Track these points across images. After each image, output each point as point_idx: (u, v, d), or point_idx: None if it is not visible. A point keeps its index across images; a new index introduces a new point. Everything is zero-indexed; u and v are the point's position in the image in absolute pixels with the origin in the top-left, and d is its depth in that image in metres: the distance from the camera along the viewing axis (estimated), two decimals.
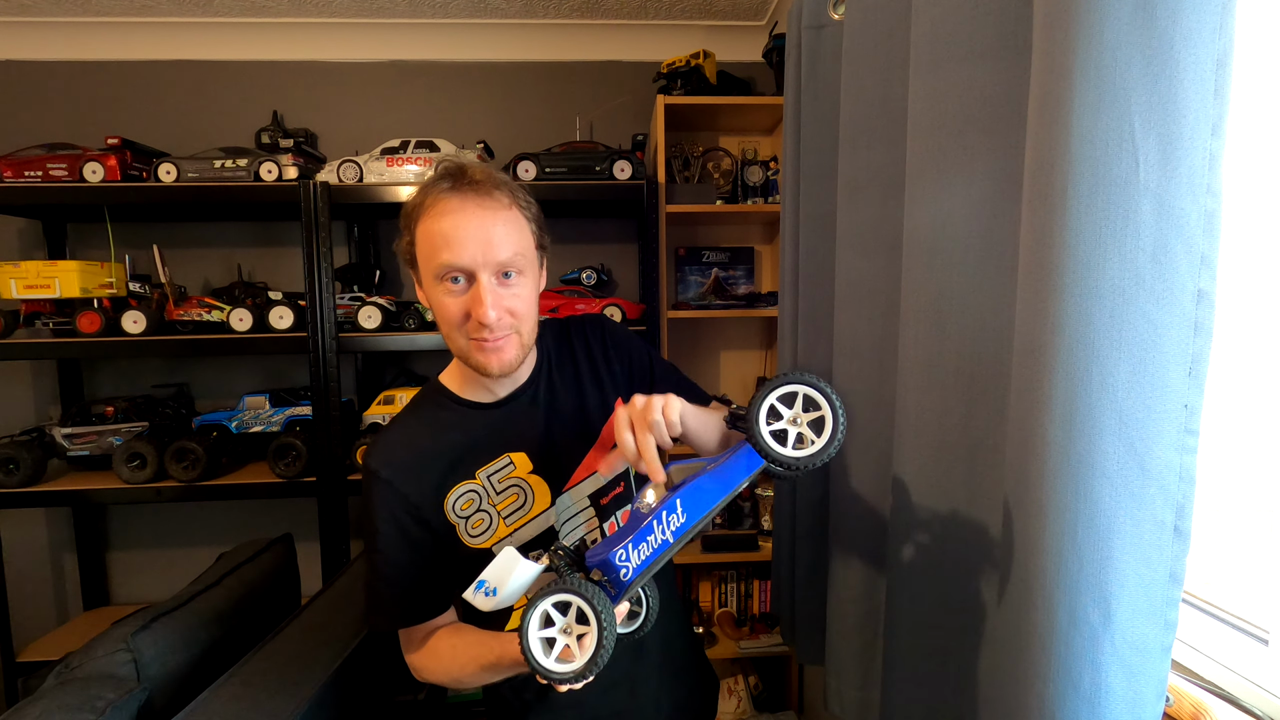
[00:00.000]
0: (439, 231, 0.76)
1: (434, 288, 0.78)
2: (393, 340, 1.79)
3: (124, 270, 1.86)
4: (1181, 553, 0.56)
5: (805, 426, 0.61)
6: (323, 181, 1.73)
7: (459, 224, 0.75)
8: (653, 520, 0.63)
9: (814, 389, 0.61)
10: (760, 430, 0.61)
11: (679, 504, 0.63)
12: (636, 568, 0.63)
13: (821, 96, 1.17)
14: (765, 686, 2.07)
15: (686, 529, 0.64)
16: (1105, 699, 0.58)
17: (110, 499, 1.80)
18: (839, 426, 0.61)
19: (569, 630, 0.61)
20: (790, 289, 1.29)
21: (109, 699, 0.89)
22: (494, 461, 0.86)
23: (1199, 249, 0.53)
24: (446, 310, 0.78)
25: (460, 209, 0.76)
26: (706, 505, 0.64)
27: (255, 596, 1.28)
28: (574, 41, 2.10)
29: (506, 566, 0.64)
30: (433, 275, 0.77)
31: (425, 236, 0.77)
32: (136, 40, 2.01)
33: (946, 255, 0.80)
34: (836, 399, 0.61)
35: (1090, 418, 0.56)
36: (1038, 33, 0.61)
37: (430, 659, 0.84)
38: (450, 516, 0.84)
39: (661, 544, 0.63)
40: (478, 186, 0.77)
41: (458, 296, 0.78)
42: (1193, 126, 0.51)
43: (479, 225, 0.76)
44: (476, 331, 0.78)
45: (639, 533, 0.63)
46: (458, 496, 0.84)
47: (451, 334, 0.81)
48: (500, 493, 0.85)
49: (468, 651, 0.80)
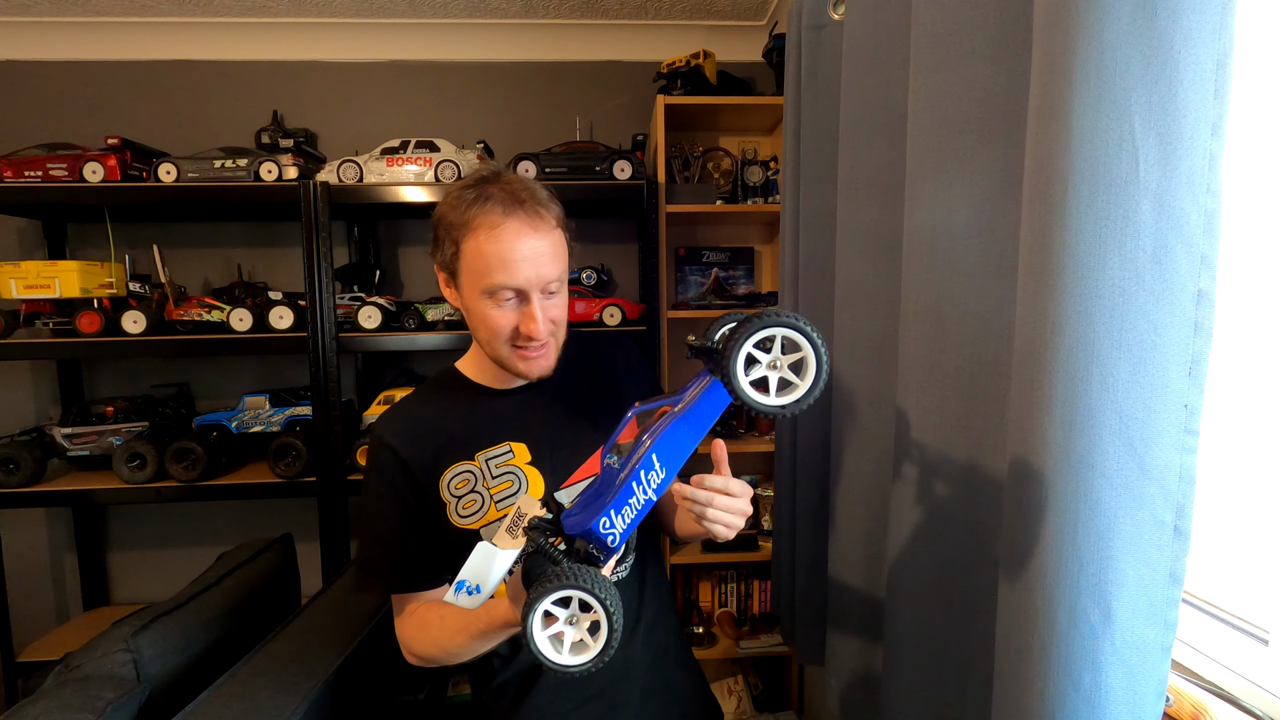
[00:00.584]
0: (494, 253, 0.79)
1: (479, 301, 0.82)
2: (393, 340, 1.79)
3: (124, 270, 1.86)
4: (1181, 553, 0.56)
5: (786, 370, 0.58)
6: (323, 181, 1.73)
7: (514, 248, 0.79)
8: (631, 481, 0.61)
9: (793, 330, 0.57)
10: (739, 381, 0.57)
11: (655, 460, 0.61)
12: (623, 533, 0.62)
13: (821, 96, 1.17)
14: (765, 686, 2.07)
15: (667, 484, 0.62)
16: (1105, 699, 0.58)
17: (110, 499, 1.80)
18: (821, 369, 0.58)
19: (574, 620, 0.59)
20: (790, 289, 1.29)
21: (109, 699, 0.89)
22: (495, 447, 0.88)
23: (1199, 249, 0.53)
24: (494, 323, 0.82)
25: (517, 233, 0.79)
26: (683, 454, 0.62)
27: (255, 596, 1.28)
28: (574, 41, 2.10)
29: (484, 560, 0.64)
30: (480, 290, 0.81)
31: (476, 254, 0.80)
32: (136, 40, 2.01)
33: (946, 255, 0.80)
34: (819, 338, 0.57)
35: (1090, 418, 0.56)
36: (1038, 33, 0.61)
37: (419, 630, 0.85)
38: (444, 493, 0.86)
39: (645, 504, 0.62)
40: (526, 207, 0.80)
41: (507, 313, 0.82)
42: (1193, 126, 0.51)
43: (533, 250, 0.80)
44: (523, 342, 0.83)
45: (619, 496, 0.61)
46: (454, 475, 0.87)
47: (493, 342, 0.84)
48: (496, 478, 0.87)
49: (456, 620, 0.80)
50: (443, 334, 1.81)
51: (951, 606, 0.84)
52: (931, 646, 0.87)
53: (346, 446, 1.79)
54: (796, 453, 1.29)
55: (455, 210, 0.81)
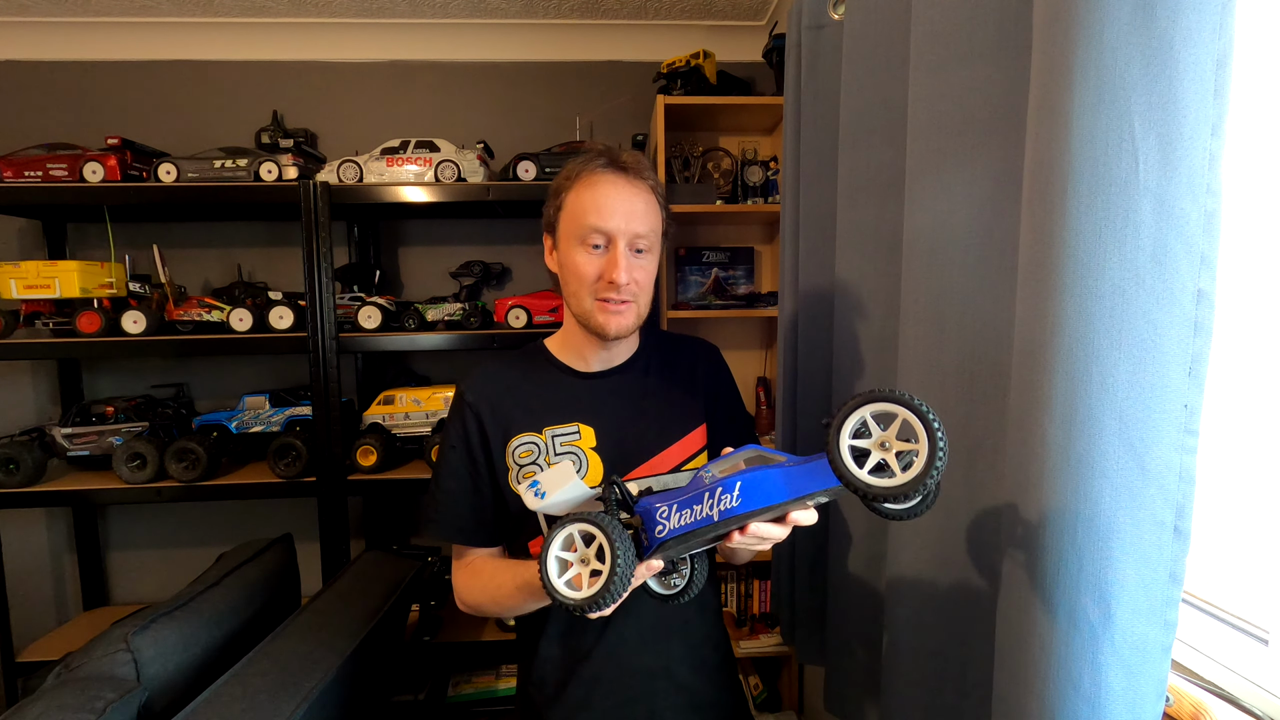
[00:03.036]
0: (590, 198, 0.86)
1: (572, 249, 0.87)
2: (393, 340, 1.79)
3: (124, 270, 1.86)
4: (1181, 553, 0.56)
5: (892, 455, 0.52)
6: (323, 181, 1.73)
7: (609, 194, 0.86)
8: (705, 492, 0.62)
9: (914, 414, 0.51)
10: (839, 444, 0.53)
11: (737, 486, 0.60)
12: (672, 530, 0.62)
13: (821, 96, 1.17)
14: (765, 686, 2.07)
15: (734, 514, 0.60)
16: (1105, 699, 0.58)
17: (110, 499, 1.80)
18: (934, 464, 0.49)
19: (586, 561, 0.62)
20: (790, 289, 1.29)
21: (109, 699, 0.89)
22: (564, 425, 0.92)
23: (1199, 249, 0.53)
24: (582, 269, 0.87)
25: (612, 182, 0.86)
26: (764, 500, 0.60)
27: (255, 596, 1.28)
28: (574, 41, 2.10)
29: (562, 478, 0.68)
30: (575, 236, 0.87)
31: (575, 201, 0.87)
32: (136, 40, 2.01)
33: (946, 255, 0.80)
34: (940, 430, 0.50)
35: (1090, 418, 0.56)
36: (1038, 33, 0.61)
37: (471, 578, 0.92)
38: (509, 459, 0.91)
39: (704, 519, 0.61)
40: (628, 169, 0.88)
41: (595, 258, 0.87)
42: (1193, 126, 0.51)
43: (626, 198, 0.86)
44: (605, 291, 0.86)
45: (688, 498, 0.62)
46: (520, 444, 0.91)
47: (579, 292, 0.88)
48: (558, 455, 0.90)
49: (506, 571, 0.88)
50: (443, 334, 1.81)
51: (951, 606, 0.84)
52: (931, 646, 0.87)
53: (346, 446, 1.79)
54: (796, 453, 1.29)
55: (564, 174, 0.89)
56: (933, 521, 0.85)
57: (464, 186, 1.77)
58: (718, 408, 1.00)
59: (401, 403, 1.88)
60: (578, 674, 0.91)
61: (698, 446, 0.95)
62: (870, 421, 0.54)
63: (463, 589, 0.93)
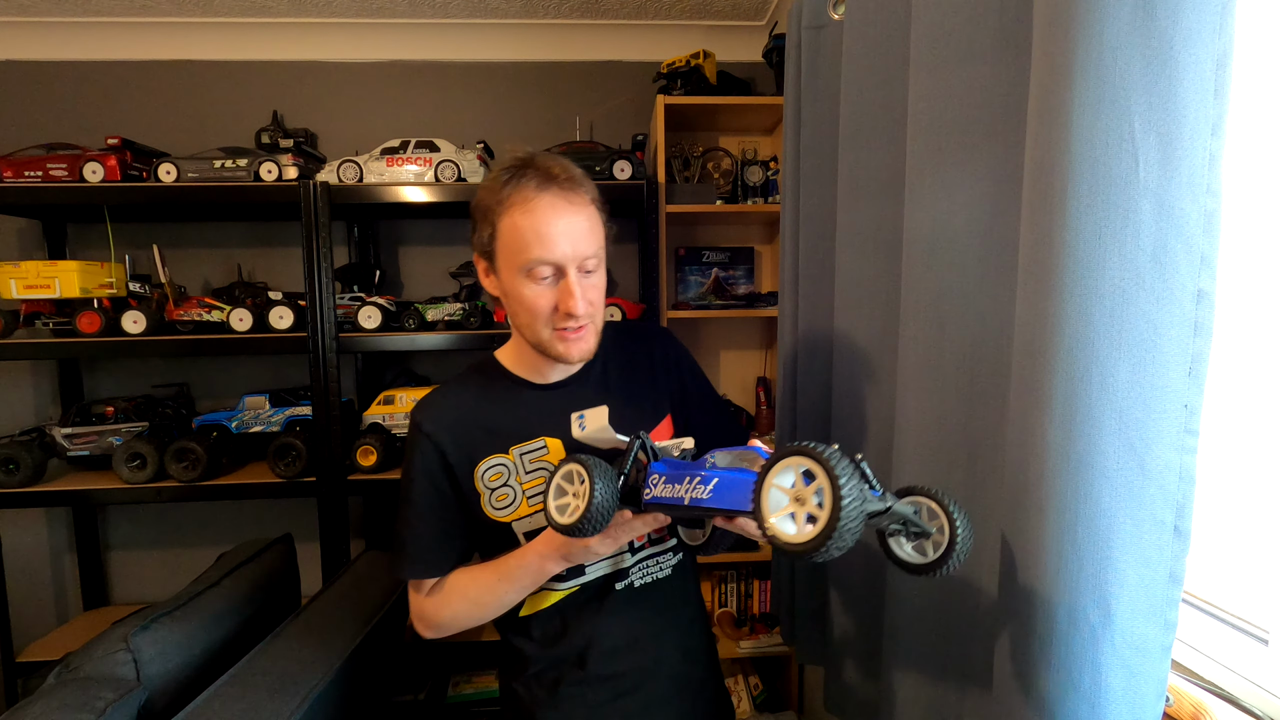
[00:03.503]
0: (530, 226, 0.79)
1: (517, 280, 0.82)
2: (393, 340, 1.79)
3: (124, 270, 1.86)
4: (1181, 553, 0.56)
5: (811, 506, 0.54)
6: (323, 181, 1.73)
7: (550, 220, 0.79)
8: (688, 475, 0.67)
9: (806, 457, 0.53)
10: (760, 504, 0.56)
11: (713, 482, 0.65)
12: (655, 497, 0.70)
13: (821, 96, 1.17)
14: (765, 686, 2.07)
15: (699, 504, 0.65)
16: (1105, 699, 0.58)
17: (110, 499, 1.80)
18: (839, 501, 0.50)
19: (579, 495, 0.69)
20: (790, 289, 1.29)
21: (109, 699, 0.89)
22: (530, 441, 0.88)
23: (1199, 249, 0.53)
24: (534, 302, 0.82)
25: (551, 205, 0.79)
26: (730, 502, 0.63)
27: (255, 596, 1.28)
28: (574, 41, 2.10)
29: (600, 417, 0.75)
30: (518, 268, 0.81)
31: (511, 229, 0.80)
32: (136, 40, 2.01)
33: (946, 255, 0.80)
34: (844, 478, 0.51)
35: (1090, 418, 0.56)
36: (1038, 33, 0.61)
37: (444, 597, 0.89)
38: (478, 484, 0.87)
39: (678, 498, 0.67)
40: (561, 183, 0.81)
41: (546, 290, 0.81)
42: (1193, 126, 0.51)
43: (568, 222, 0.80)
44: (562, 322, 0.82)
45: (676, 473, 0.69)
46: (488, 467, 0.87)
47: (533, 324, 0.83)
48: (529, 472, 0.88)
49: (484, 571, 0.87)
50: (443, 334, 1.81)
51: (951, 606, 0.84)
52: (931, 646, 0.87)
53: (346, 446, 1.79)
54: None
55: (491, 193, 0.82)
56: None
57: (464, 186, 1.77)
58: (685, 392, 0.99)
59: (401, 403, 1.88)
60: (571, 675, 0.90)
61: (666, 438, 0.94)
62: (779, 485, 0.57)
63: (433, 612, 0.89)
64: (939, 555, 0.60)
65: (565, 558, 0.82)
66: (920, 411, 0.85)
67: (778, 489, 0.56)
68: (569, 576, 0.89)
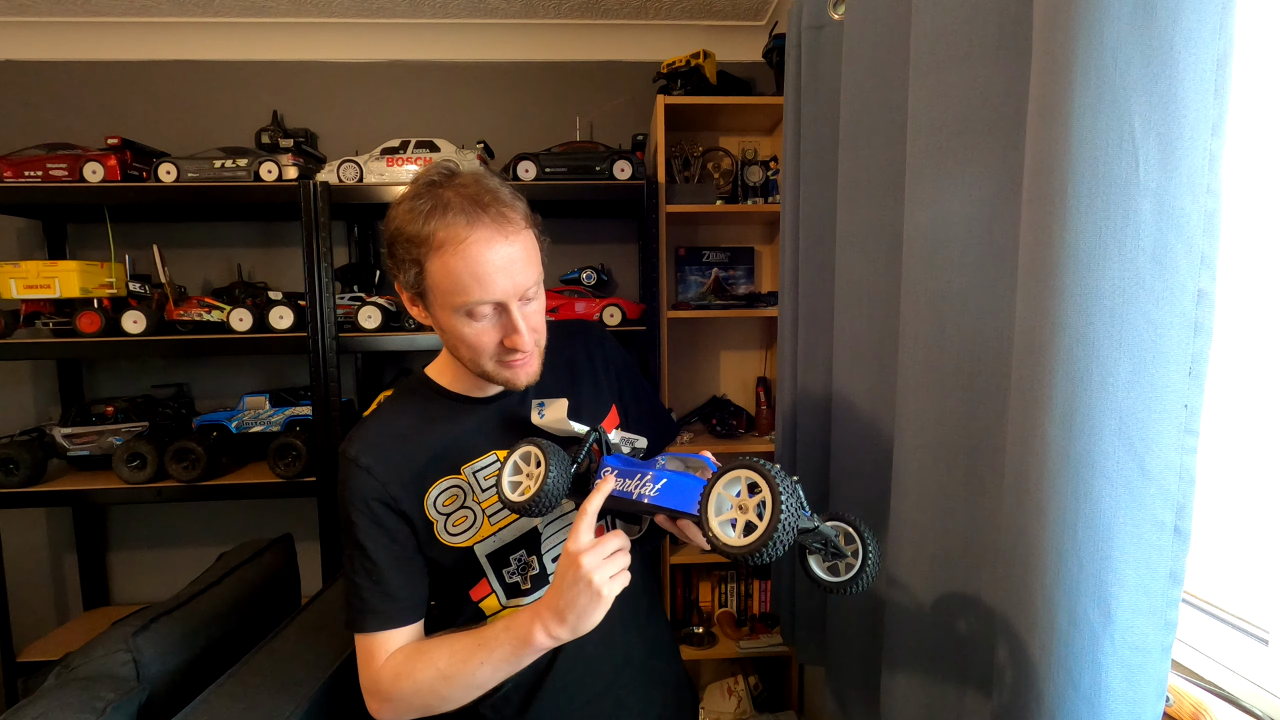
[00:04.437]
0: (464, 268, 0.72)
1: (454, 319, 0.76)
2: (393, 340, 1.79)
3: (124, 270, 1.86)
4: (1181, 553, 0.56)
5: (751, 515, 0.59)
6: (323, 181, 1.73)
7: (485, 259, 0.72)
8: (639, 472, 0.71)
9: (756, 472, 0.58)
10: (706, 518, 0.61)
11: (663, 482, 0.69)
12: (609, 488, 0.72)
13: (821, 96, 1.17)
14: (765, 686, 2.07)
15: (646, 501, 0.69)
16: (1105, 699, 0.58)
17: (110, 499, 1.80)
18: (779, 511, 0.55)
19: (531, 476, 0.72)
20: (790, 289, 1.29)
21: (109, 699, 0.89)
22: (480, 458, 0.84)
23: (1199, 249, 0.53)
24: (476, 340, 0.77)
25: (486, 242, 0.72)
26: (675, 502, 0.67)
27: (255, 596, 1.28)
28: (574, 41, 2.10)
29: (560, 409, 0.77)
30: (454, 309, 0.75)
31: (442, 272, 0.73)
32: (136, 40, 2.01)
33: (946, 255, 0.80)
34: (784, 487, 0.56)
35: (1090, 418, 0.56)
36: (1038, 33, 0.61)
37: (404, 663, 0.78)
38: (429, 512, 0.82)
39: (627, 492, 0.71)
40: (490, 211, 0.73)
41: (487, 327, 0.76)
42: (1193, 126, 0.51)
43: (505, 258, 0.73)
44: (508, 355, 0.78)
45: (628, 469, 0.72)
46: (440, 491, 0.82)
47: (477, 359, 0.79)
48: (485, 490, 0.84)
49: (458, 638, 0.78)
50: None
51: (951, 606, 0.84)
52: (931, 646, 0.87)
53: None
54: (796, 453, 1.29)
55: (411, 223, 0.73)
56: (933, 521, 0.85)
57: None
58: (623, 385, 0.99)
59: None
60: (542, 685, 0.86)
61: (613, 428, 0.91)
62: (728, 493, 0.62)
63: (388, 679, 0.78)
64: (850, 576, 0.65)
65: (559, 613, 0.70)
66: (920, 411, 0.85)
67: (724, 495, 0.61)
68: (534, 590, 0.85)
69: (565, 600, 0.69)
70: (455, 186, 0.74)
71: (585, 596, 0.68)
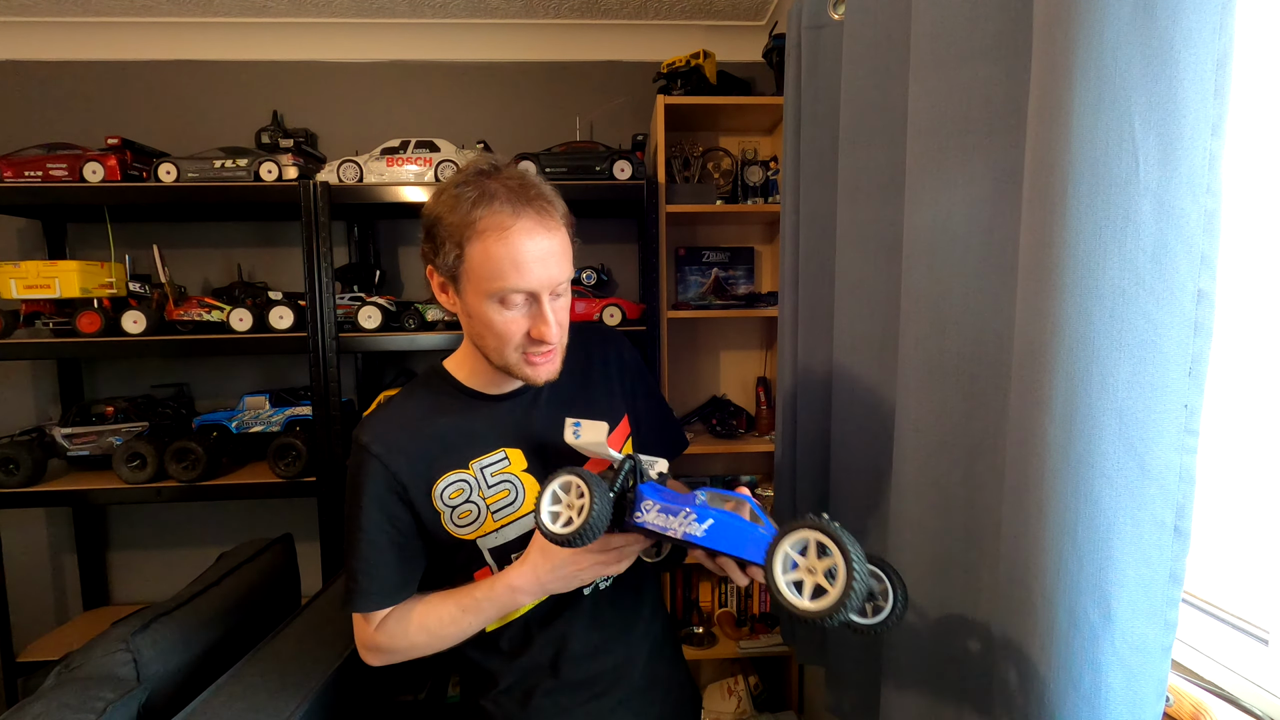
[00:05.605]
0: (505, 255, 0.75)
1: (485, 305, 0.78)
2: (393, 340, 1.79)
3: (124, 270, 1.86)
4: (1181, 553, 0.56)
5: (820, 578, 0.58)
6: (323, 181, 1.73)
7: (525, 248, 0.75)
8: (684, 508, 0.69)
9: (826, 535, 0.57)
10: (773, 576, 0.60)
11: (709, 521, 0.67)
12: (645, 523, 0.71)
13: (821, 96, 1.17)
14: (765, 686, 2.07)
15: (692, 540, 0.67)
16: (1105, 699, 0.58)
17: (110, 499, 1.80)
18: (853, 577, 0.55)
19: (570, 506, 0.71)
20: (790, 289, 1.29)
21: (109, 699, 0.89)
22: (489, 454, 0.85)
23: (1199, 249, 0.53)
24: (504, 330, 0.79)
25: (528, 233, 0.75)
26: (723, 544, 0.66)
27: (255, 596, 1.28)
28: (574, 41, 2.10)
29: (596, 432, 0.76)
30: (488, 294, 0.77)
31: (482, 256, 0.75)
32: (136, 40, 2.01)
33: (946, 255, 0.80)
34: (853, 550, 0.55)
35: (1090, 418, 0.56)
36: (1038, 33, 0.61)
37: (397, 628, 0.84)
38: (436, 503, 0.83)
39: (667, 527, 0.69)
40: (535, 205, 0.77)
41: (518, 317, 0.79)
42: (1193, 126, 0.51)
43: (544, 250, 0.77)
44: (533, 348, 0.80)
45: (674, 503, 0.70)
46: (447, 484, 0.84)
47: (502, 349, 0.81)
48: (492, 486, 0.85)
49: (446, 603, 0.84)
50: (442, 334, 1.81)
51: (951, 606, 0.84)
52: (931, 647, 0.87)
53: (346, 447, 1.79)
54: (796, 453, 1.29)
55: (455, 210, 0.76)
56: (933, 521, 0.85)
57: None
58: (637, 395, 1.00)
59: None
60: (543, 684, 0.88)
61: (620, 444, 0.94)
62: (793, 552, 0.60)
63: (385, 641, 0.84)
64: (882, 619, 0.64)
65: (542, 588, 0.80)
66: (920, 411, 0.85)
67: (791, 554, 0.60)
68: None
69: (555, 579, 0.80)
70: (502, 179, 0.78)
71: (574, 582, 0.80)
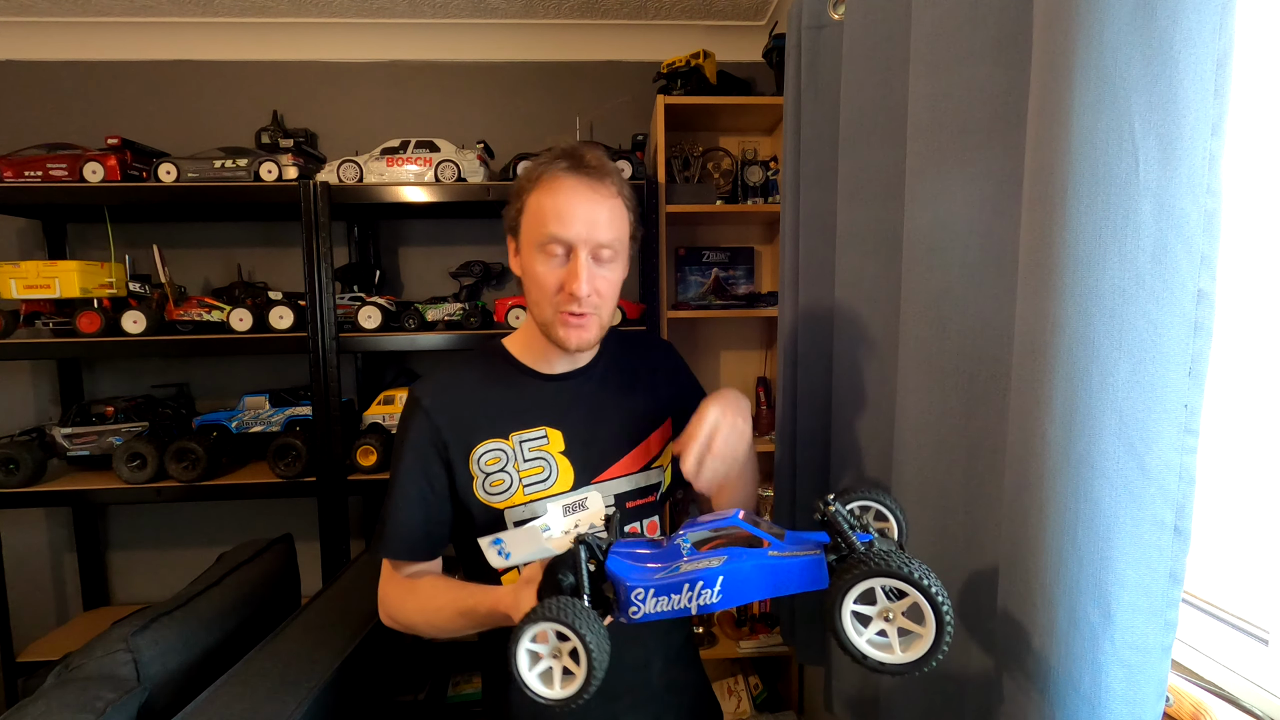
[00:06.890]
0: (550, 205, 0.82)
1: (533, 256, 0.84)
2: (393, 340, 1.79)
3: (124, 270, 1.86)
4: (1181, 553, 0.56)
5: (894, 628, 0.53)
6: (323, 181, 1.73)
7: (570, 201, 0.82)
8: (685, 581, 0.58)
9: (928, 601, 0.51)
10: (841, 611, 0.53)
11: (719, 582, 0.57)
12: (647, 614, 0.59)
13: (821, 96, 1.17)
14: (765, 686, 2.07)
15: (712, 609, 0.58)
16: (1105, 699, 0.58)
17: (110, 499, 1.80)
18: (938, 651, 0.50)
19: (558, 655, 0.58)
20: (790, 289, 1.29)
21: (109, 699, 0.89)
22: (530, 429, 0.89)
23: (1199, 249, 0.53)
24: (543, 278, 0.84)
25: (574, 188, 0.82)
26: (745, 597, 0.57)
27: (255, 596, 1.28)
28: (574, 41, 2.10)
29: (531, 541, 0.64)
30: (536, 243, 0.83)
31: (535, 207, 0.84)
32: (136, 40, 2.01)
33: (946, 255, 0.80)
34: (949, 616, 0.51)
35: (1090, 418, 0.56)
36: (1038, 33, 0.61)
37: (407, 594, 0.88)
38: (472, 467, 0.87)
39: (681, 609, 0.59)
40: (591, 171, 0.83)
41: (555, 268, 0.83)
42: (1193, 126, 0.51)
43: (588, 206, 0.82)
44: (566, 304, 0.83)
45: (668, 583, 0.58)
46: (485, 450, 0.87)
47: (541, 302, 0.85)
48: (527, 461, 0.88)
49: (448, 593, 0.85)
50: (443, 334, 1.81)
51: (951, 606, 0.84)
52: None
53: (346, 446, 1.79)
54: (796, 453, 1.29)
55: (531, 170, 0.86)
56: (933, 521, 0.85)
57: (464, 186, 1.77)
58: (684, 401, 0.99)
59: (401, 403, 1.88)
60: None
61: (660, 446, 0.96)
62: (879, 591, 0.53)
63: (394, 604, 0.89)
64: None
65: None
66: (920, 411, 0.85)
67: (863, 609, 0.53)
68: None
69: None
70: (573, 152, 0.85)
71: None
